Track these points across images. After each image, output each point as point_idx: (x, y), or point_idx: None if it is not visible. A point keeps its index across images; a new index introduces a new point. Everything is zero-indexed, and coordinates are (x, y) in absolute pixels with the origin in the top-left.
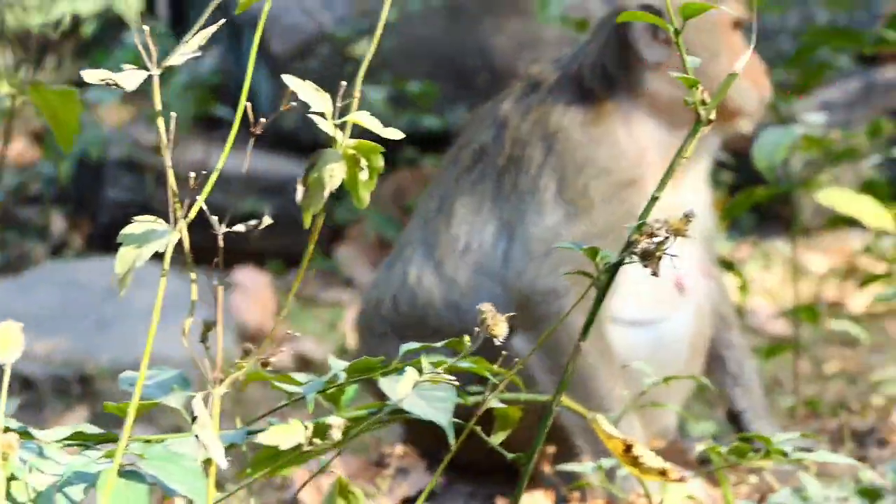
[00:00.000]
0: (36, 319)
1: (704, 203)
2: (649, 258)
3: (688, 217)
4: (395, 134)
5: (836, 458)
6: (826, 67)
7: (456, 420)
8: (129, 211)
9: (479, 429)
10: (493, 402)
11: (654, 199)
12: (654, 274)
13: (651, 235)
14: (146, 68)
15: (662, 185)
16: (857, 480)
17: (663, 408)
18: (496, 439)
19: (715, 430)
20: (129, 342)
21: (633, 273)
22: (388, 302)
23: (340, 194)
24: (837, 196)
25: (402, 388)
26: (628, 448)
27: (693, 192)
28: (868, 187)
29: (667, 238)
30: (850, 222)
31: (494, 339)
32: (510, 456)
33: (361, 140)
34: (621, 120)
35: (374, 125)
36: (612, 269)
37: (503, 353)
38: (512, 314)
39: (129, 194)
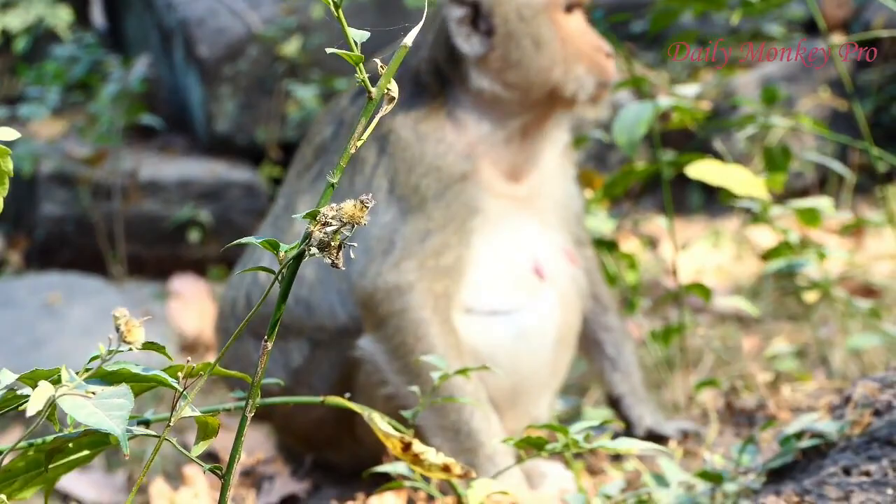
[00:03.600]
0: None
1: (564, 185)
2: (326, 249)
3: (363, 203)
4: (8, 134)
5: (636, 444)
6: (761, 38)
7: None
8: (64, 226)
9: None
10: (187, 412)
11: (330, 185)
12: (334, 265)
13: (325, 225)
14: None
15: (338, 170)
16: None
17: (458, 402)
18: (197, 450)
19: (609, 417)
20: (64, 359)
21: (487, 262)
22: (241, 300)
23: None
24: (707, 169)
25: (33, 403)
26: (407, 446)
27: (550, 174)
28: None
29: (342, 226)
30: (801, 194)
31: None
32: (206, 467)
33: None
34: (450, 115)
35: None
36: (294, 263)
37: (353, 354)
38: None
39: (63, 208)
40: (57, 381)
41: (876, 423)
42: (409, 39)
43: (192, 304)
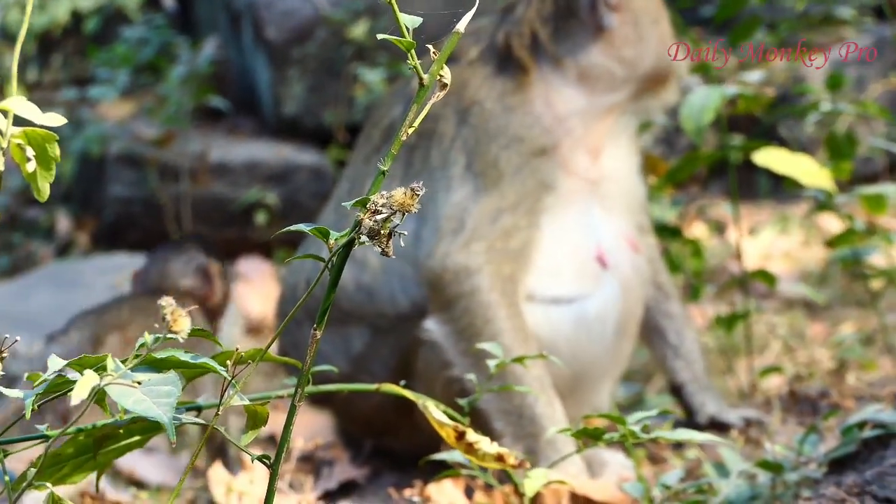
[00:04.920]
0: (35, 321)
1: (630, 171)
2: (376, 237)
3: (413, 191)
4: (54, 119)
5: (694, 435)
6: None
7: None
8: (132, 207)
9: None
10: (236, 400)
11: (381, 173)
12: (384, 253)
13: (375, 213)
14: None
15: (389, 157)
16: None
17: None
18: (246, 438)
19: (670, 405)
20: None
21: (552, 247)
22: (301, 285)
23: None
24: (774, 157)
25: (77, 392)
26: (461, 435)
27: (616, 160)
28: (831, 142)
29: (392, 214)
30: (870, 180)
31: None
32: (255, 456)
33: (31, 129)
34: (542, 89)
35: (31, 113)
36: (344, 252)
37: (414, 338)
38: (424, 295)
39: (131, 190)
40: (103, 369)
41: None
42: (461, 26)
43: (258, 287)
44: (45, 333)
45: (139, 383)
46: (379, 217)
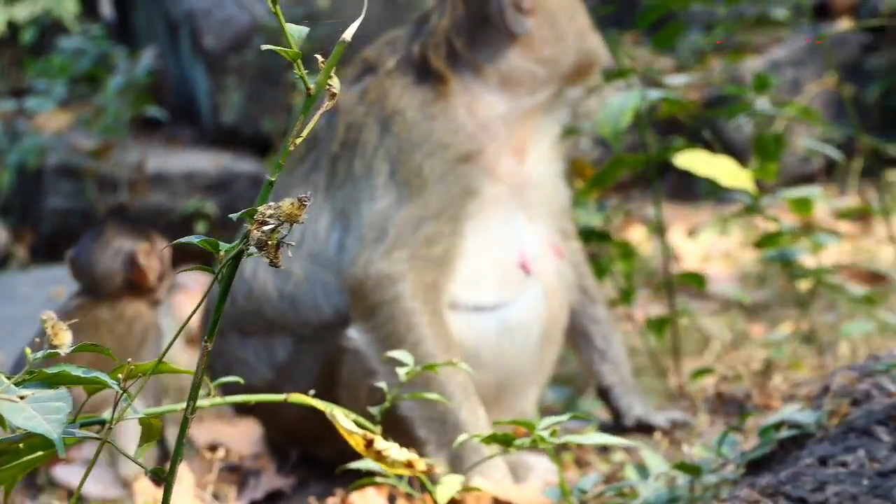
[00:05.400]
0: None
1: (554, 175)
2: (264, 248)
3: (301, 201)
4: None
5: (606, 438)
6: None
7: None
8: (70, 219)
9: None
10: (129, 413)
11: (269, 183)
12: (273, 264)
13: (263, 224)
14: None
15: (276, 167)
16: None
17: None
18: (140, 452)
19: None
20: None
21: (474, 255)
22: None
23: None
24: (694, 159)
25: None
26: (370, 443)
27: (539, 164)
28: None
29: (279, 225)
30: (807, 180)
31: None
32: (148, 469)
33: None
34: (463, 96)
35: None
36: (233, 263)
37: (337, 347)
38: (347, 304)
39: (69, 201)
40: None
41: (854, 413)
42: (348, 34)
43: (198, 297)
44: None
45: (22, 398)
46: (266, 228)
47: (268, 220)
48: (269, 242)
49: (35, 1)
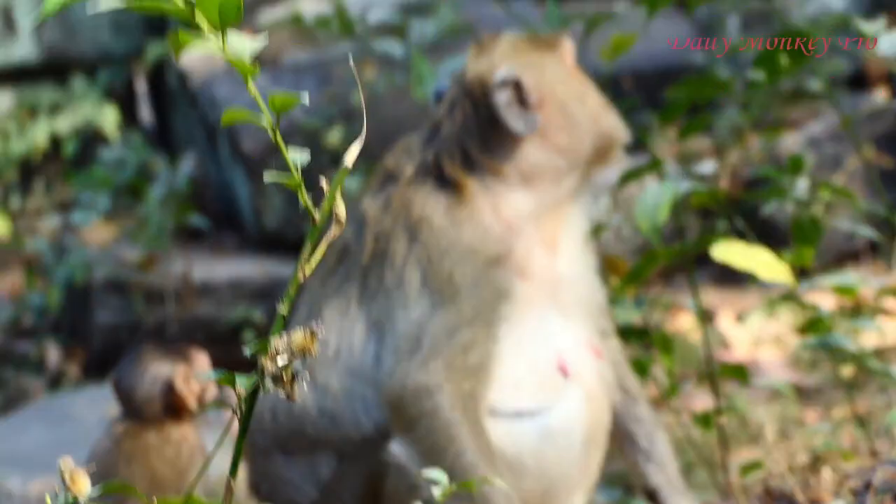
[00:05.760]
0: (29, 459)
1: (587, 272)
2: (279, 383)
3: (313, 333)
4: None
5: None
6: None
7: None
8: (119, 334)
9: None
10: None
11: (281, 317)
12: (289, 398)
13: (276, 357)
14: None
15: (287, 299)
16: None
17: None
18: None
19: None
20: None
21: (511, 360)
22: (267, 415)
23: None
24: (731, 250)
25: None
26: None
27: (572, 259)
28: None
29: (292, 359)
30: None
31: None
32: None
33: None
34: (486, 198)
35: None
36: (251, 397)
37: (380, 463)
38: (387, 417)
39: (117, 316)
40: None
41: None
42: (349, 160)
43: None
44: (37, 470)
45: None
46: (280, 362)
47: (280, 353)
48: (284, 377)
49: (76, 112)
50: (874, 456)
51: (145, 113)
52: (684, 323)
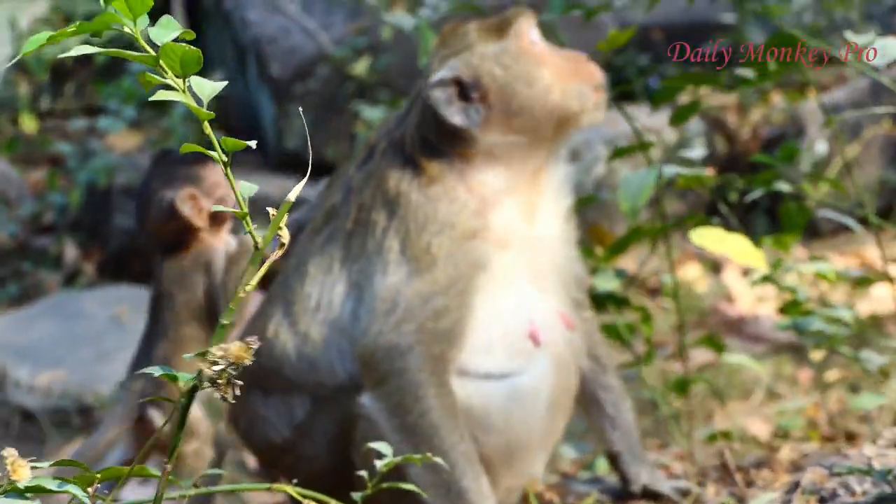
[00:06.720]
0: (39, 351)
1: (565, 243)
2: (216, 385)
3: (248, 344)
4: None
5: None
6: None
7: None
8: (135, 238)
9: None
10: None
11: (222, 326)
12: (224, 399)
13: (214, 364)
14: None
15: (229, 312)
16: None
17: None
18: None
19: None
20: None
21: (484, 325)
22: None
23: None
24: (708, 235)
25: None
26: None
27: (550, 228)
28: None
29: (228, 366)
30: (863, 222)
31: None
32: None
33: None
34: (457, 177)
35: None
36: (190, 393)
37: (352, 411)
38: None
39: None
40: None
41: None
42: (292, 195)
43: None
44: (45, 363)
45: None
46: (217, 368)
47: (218, 360)
48: (220, 381)
49: None
50: (830, 441)
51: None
52: (691, 272)
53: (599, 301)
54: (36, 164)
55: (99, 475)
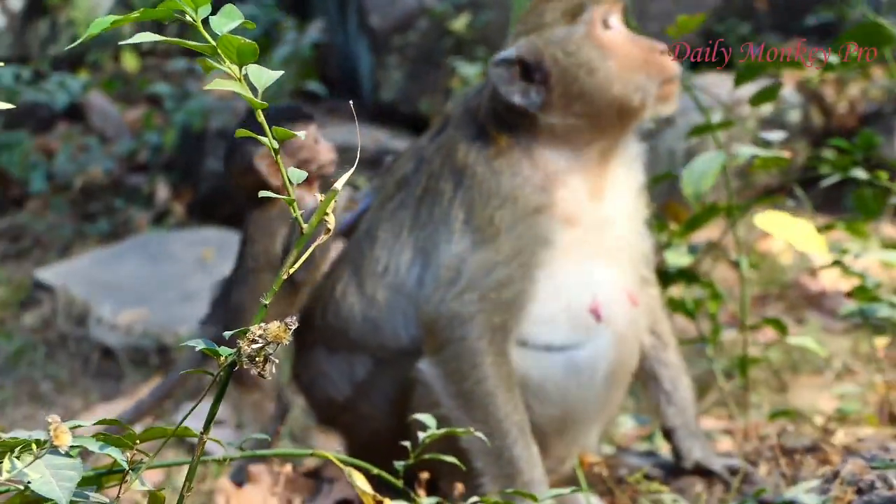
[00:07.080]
0: (124, 289)
1: (634, 221)
2: (254, 362)
3: (287, 325)
4: None
5: None
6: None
7: None
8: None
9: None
10: (136, 485)
11: (263, 306)
12: (261, 375)
13: (253, 342)
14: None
15: (270, 293)
16: None
17: None
18: None
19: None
20: None
21: (547, 298)
22: (318, 312)
23: None
24: (772, 220)
25: None
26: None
27: (620, 206)
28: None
29: (266, 344)
30: None
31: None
32: None
33: None
34: (523, 152)
35: None
36: (228, 368)
37: (411, 375)
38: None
39: None
40: (27, 449)
41: (856, 502)
42: (339, 184)
43: None
44: (129, 301)
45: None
46: (256, 346)
47: (257, 339)
48: (258, 359)
49: None
50: (893, 423)
51: None
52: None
53: (670, 277)
54: (134, 102)
55: (139, 436)
